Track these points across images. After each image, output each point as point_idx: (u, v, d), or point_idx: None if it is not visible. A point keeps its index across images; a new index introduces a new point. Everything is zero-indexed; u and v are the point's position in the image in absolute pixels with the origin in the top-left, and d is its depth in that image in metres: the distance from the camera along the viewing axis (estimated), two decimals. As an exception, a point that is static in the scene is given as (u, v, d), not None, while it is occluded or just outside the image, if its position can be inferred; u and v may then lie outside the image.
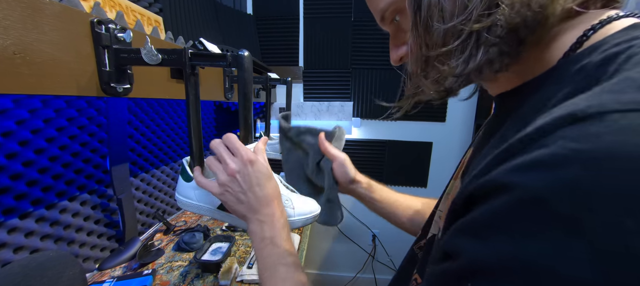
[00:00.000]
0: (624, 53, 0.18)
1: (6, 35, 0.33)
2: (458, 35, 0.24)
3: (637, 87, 0.15)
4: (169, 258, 0.82)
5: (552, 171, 0.14)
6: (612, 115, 0.14)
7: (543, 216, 0.14)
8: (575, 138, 0.14)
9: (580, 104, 0.15)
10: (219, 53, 0.46)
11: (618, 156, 0.13)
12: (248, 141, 0.46)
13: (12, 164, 0.58)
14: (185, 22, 1.02)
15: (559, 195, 0.14)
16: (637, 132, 0.13)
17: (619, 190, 0.13)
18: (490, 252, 0.16)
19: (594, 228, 0.13)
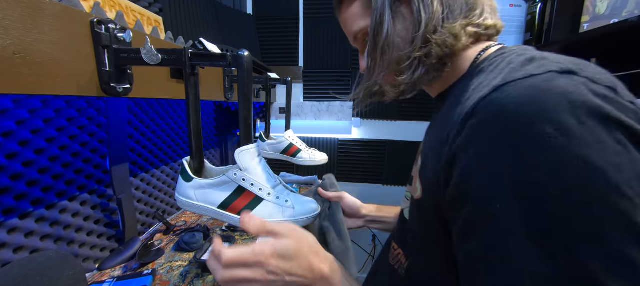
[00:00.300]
0: (499, 58, 0.34)
1: (6, 35, 0.33)
2: (407, 59, 0.40)
3: (510, 71, 0.29)
4: (169, 258, 0.82)
5: (493, 107, 0.26)
6: (509, 84, 0.26)
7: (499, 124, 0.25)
8: (498, 97, 0.26)
9: (487, 85, 0.29)
10: (219, 53, 0.46)
11: (514, 97, 0.25)
12: (248, 141, 0.46)
13: (12, 164, 0.58)
14: (185, 22, 1.02)
15: (501, 111, 0.25)
16: (520, 87, 0.25)
17: (520, 107, 0.24)
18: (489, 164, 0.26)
19: (512, 122, 0.24)
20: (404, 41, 0.40)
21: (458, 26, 0.38)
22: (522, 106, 0.24)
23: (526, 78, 0.26)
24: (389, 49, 0.40)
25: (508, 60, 0.31)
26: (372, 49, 0.41)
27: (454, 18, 0.38)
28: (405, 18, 0.40)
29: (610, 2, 0.84)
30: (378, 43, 0.40)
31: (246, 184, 0.46)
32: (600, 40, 0.83)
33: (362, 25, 0.44)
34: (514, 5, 1.20)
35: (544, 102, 0.23)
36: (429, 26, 0.37)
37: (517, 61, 0.30)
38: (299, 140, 1.07)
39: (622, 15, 0.81)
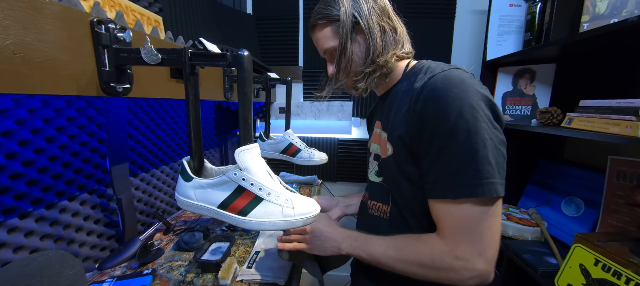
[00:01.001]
0: (418, 69, 0.60)
1: (6, 35, 0.33)
2: (361, 73, 0.61)
3: (433, 71, 0.54)
4: (169, 258, 0.82)
5: (431, 85, 0.51)
6: (434, 77, 0.52)
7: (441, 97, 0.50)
8: (433, 80, 0.51)
9: (434, 72, 0.53)
10: (219, 53, 0.46)
11: (439, 83, 0.50)
12: (248, 141, 0.46)
13: (12, 164, 0.58)
14: (185, 22, 1.02)
15: (435, 87, 0.51)
16: (441, 76, 0.51)
17: (442, 91, 0.49)
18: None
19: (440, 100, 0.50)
20: (359, 59, 0.61)
21: (390, 55, 0.60)
22: (443, 83, 0.50)
23: (442, 72, 0.51)
24: (350, 65, 0.61)
25: (426, 68, 0.57)
26: (338, 63, 0.62)
27: (388, 50, 0.60)
28: (360, 44, 0.61)
29: (610, 2, 0.84)
30: (343, 60, 0.61)
31: (246, 184, 0.46)
32: (600, 40, 0.83)
33: (331, 45, 0.62)
34: (514, 5, 1.20)
35: (451, 80, 0.50)
36: (375, 54, 0.59)
37: (432, 66, 0.57)
38: (299, 140, 1.07)
39: (622, 15, 0.81)
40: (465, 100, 0.47)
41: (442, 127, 0.48)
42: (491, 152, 0.47)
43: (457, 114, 0.47)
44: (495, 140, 0.47)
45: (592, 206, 0.99)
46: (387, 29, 0.60)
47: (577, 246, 0.78)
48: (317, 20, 0.63)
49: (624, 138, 0.68)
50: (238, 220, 0.46)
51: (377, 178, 0.66)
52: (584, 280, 0.74)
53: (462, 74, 0.50)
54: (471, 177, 0.47)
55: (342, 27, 0.59)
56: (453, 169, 0.48)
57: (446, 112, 0.47)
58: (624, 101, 0.74)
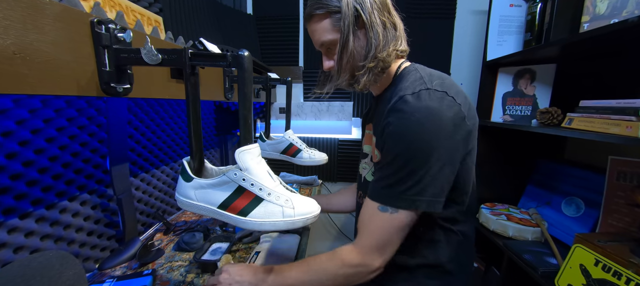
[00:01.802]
0: (405, 75, 0.61)
1: (6, 35, 0.33)
2: (362, 68, 0.59)
3: (406, 88, 0.55)
4: (169, 258, 0.82)
5: (396, 108, 0.54)
6: (408, 96, 0.53)
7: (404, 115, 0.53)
8: (406, 100, 0.53)
9: (406, 90, 0.54)
10: (219, 53, 0.46)
11: (412, 104, 0.52)
12: (248, 141, 0.46)
13: (12, 164, 0.58)
14: (185, 22, 1.02)
15: (400, 110, 0.53)
16: (409, 98, 0.53)
17: (415, 110, 0.52)
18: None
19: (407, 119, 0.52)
20: (359, 55, 0.59)
21: (391, 50, 0.59)
22: (409, 109, 0.52)
23: (411, 94, 0.53)
24: (351, 60, 0.59)
25: (408, 78, 0.58)
26: (340, 58, 0.60)
27: (388, 45, 0.59)
28: (360, 39, 0.59)
29: (610, 2, 0.84)
30: (344, 55, 0.59)
31: (246, 184, 0.46)
32: (601, 40, 0.83)
33: (330, 37, 0.60)
34: (514, 5, 1.20)
35: (419, 109, 0.52)
36: (377, 49, 0.58)
37: (409, 81, 0.57)
38: (299, 140, 1.07)
39: (622, 15, 0.81)
40: (419, 131, 0.51)
41: (396, 146, 0.53)
42: (432, 172, 0.52)
43: (404, 140, 0.52)
44: (446, 162, 0.52)
45: (592, 206, 0.99)
46: (387, 24, 0.59)
47: (577, 246, 0.78)
48: (315, 9, 0.60)
49: (624, 138, 0.68)
50: (238, 220, 0.46)
51: (370, 177, 0.68)
52: (584, 280, 0.74)
53: (430, 105, 0.51)
54: (393, 187, 0.54)
55: (343, 19, 0.57)
56: (382, 179, 0.55)
57: (398, 137, 0.52)
58: (624, 101, 0.74)
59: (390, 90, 0.62)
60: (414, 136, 0.51)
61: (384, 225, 0.55)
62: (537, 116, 1.05)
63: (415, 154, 0.51)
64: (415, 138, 0.51)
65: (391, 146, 0.53)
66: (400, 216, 0.53)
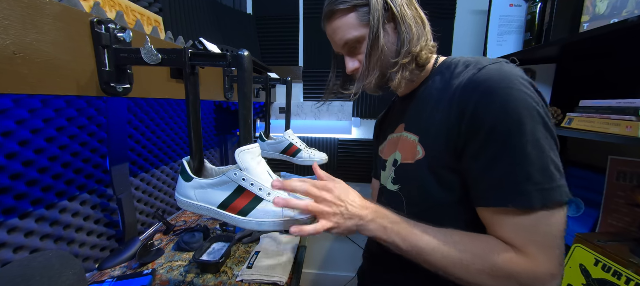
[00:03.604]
0: (453, 63, 0.54)
1: (6, 35, 0.33)
2: (395, 65, 0.53)
3: (476, 64, 0.48)
4: (169, 258, 0.82)
5: (482, 78, 0.45)
6: (485, 69, 0.46)
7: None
8: (484, 73, 0.45)
9: (468, 71, 0.48)
10: (219, 53, 0.46)
11: (494, 76, 0.44)
12: (248, 141, 0.46)
13: (12, 164, 0.58)
14: (185, 22, 1.02)
15: (487, 79, 0.44)
16: (491, 68, 0.45)
17: (500, 85, 0.43)
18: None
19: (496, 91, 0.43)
20: (390, 51, 0.54)
21: (424, 45, 0.54)
22: (499, 76, 0.44)
23: (492, 65, 0.46)
24: (383, 57, 0.54)
25: (461, 62, 0.53)
26: (369, 55, 0.54)
27: (421, 39, 0.54)
28: (390, 34, 0.54)
29: (610, 2, 0.84)
30: (374, 52, 0.53)
31: (246, 184, 0.46)
32: (600, 40, 0.83)
33: (356, 34, 0.54)
34: (514, 5, 1.20)
35: (509, 75, 0.44)
36: (412, 43, 0.53)
37: (470, 60, 0.51)
38: (299, 140, 1.07)
39: (622, 15, 0.81)
40: (527, 98, 0.42)
41: (503, 125, 0.42)
42: (555, 154, 0.42)
43: (520, 111, 0.41)
44: (555, 142, 0.43)
45: (592, 206, 0.99)
46: (417, 18, 0.55)
47: (577, 246, 0.78)
48: (338, 4, 0.54)
49: (624, 138, 0.68)
50: (238, 220, 0.46)
51: (394, 186, 0.60)
52: (584, 280, 0.74)
53: (516, 69, 0.45)
54: (541, 181, 0.40)
55: (373, 13, 0.51)
56: (520, 172, 0.41)
57: (507, 109, 0.41)
58: (624, 101, 0.74)
59: (434, 80, 0.55)
60: (523, 108, 0.41)
61: (546, 227, 0.42)
62: (537, 116, 1.04)
63: (535, 128, 0.41)
64: (526, 111, 0.41)
65: (491, 128, 0.42)
66: (558, 215, 0.41)
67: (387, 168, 0.64)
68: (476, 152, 0.45)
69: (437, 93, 0.53)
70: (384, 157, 0.68)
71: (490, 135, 0.43)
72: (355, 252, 1.72)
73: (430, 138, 0.52)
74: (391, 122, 0.69)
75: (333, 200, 0.48)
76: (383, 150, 0.70)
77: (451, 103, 0.48)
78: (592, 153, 1.11)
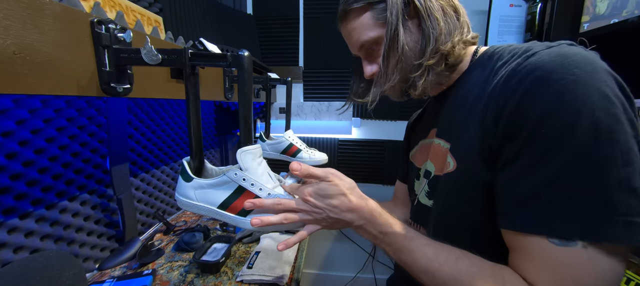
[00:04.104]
0: (496, 52, 0.44)
1: (6, 35, 0.33)
2: (418, 67, 0.46)
3: (526, 50, 0.37)
4: (169, 258, 0.82)
5: (532, 66, 0.34)
6: (538, 53, 0.35)
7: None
8: (535, 58, 0.35)
9: (514, 59, 0.38)
10: (219, 53, 0.46)
11: (547, 60, 0.33)
12: (248, 141, 0.46)
13: (12, 164, 0.58)
14: (185, 22, 1.02)
15: (540, 66, 0.33)
16: (547, 53, 0.34)
17: (554, 71, 0.32)
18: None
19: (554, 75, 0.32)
20: (412, 52, 0.47)
21: (456, 40, 0.46)
22: (554, 60, 0.33)
23: (548, 49, 0.35)
24: (403, 58, 0.47)
25: (507, 50, 0.42)
26: (387, 57, 0.48)
27: (452, 35, 0.46)
28: (412, 32, 0.47)
29: (610, 2, 0.84)
30: (392, 53, 0.47)
31: (246, 184, 0.46)
32: (600, 40, 0.83)
33: (372, 35, 0.49)
34: (514, 5, 1.20)
35: (568, 56, 0.32)
36: (439, 40, 0.45)
37: (519, 47, 0.40)
38: (299, 140, 1.07)
39: (622, 15, 0.81)
40: (594, 86, 0.30)
41: (552, 124, 0.31)
42: (635, 172, 0.29)
43: (580, 105, 0.30)
44: (636, 157, 0.30)
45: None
46: (447, 8, 0.46)
47: (577, 246, 0.78)
48: (351, 3, 0.48)
49: (624, 138, 0.68)
50: (238, 220, 0.46)
51: (428, 200, 0.52)
52: (584, 280, 0.74)
53: (582, 51, 0.33)
54: (600, 208, 0.29)
55: (390, 9, 0.45)
56: (566, 190, 0.30)
57: (561, 102, 0.30)
58: (624, 101, 0.74)
59: (472, 74, 0.47)
60: (585, 101, 0.30)
61: (582, 275, 0.30)
62: (537, 116, 1.04)
63: (600, 130, 0.29)
64: (590, 105, 0.29)
65: (536, 125, 0.32)
66: (613, 261, 0.30)
67: (420, 178, 0.57)
68: (511, 157, 0.34)
69: (475, 91, 0.43)
70: (416, 163, 0.61)
71: (531, 137, 0.32)
72: (355, 252, 1.72)
73: (462, 146, 0.43)
74: (424, 124, 0.61)
75: (310, 209, 0.45)
76: (414, 155, 0.62)
77: (488, 102, 0.38)
78: (592, 153, 1.11)
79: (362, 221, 0.44)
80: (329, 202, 0.44)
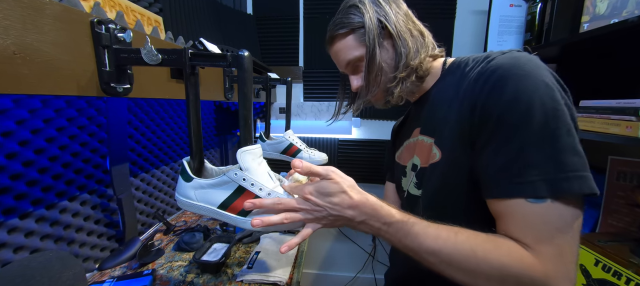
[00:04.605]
0: (462, 62, 0.54)
1: (6, 35, 0.33)
2: (394, 79, 0.56)
3: (485, 57, 0.47)
4: (169, 258, 0.82)
5: (495, 67, 0.44)
6: (495, 59, 0.45)
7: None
8: (495, 62, 0.44)
9: (478, 65, 0.47)
10: (219, 53, 0.46)
11: (504, 62, 0.43)
12: (248, 141, 0.46)
13: (12, 164, 0.58)
14: (185, 22, 1.02)
15: (499, 67, 0.43)
16: (502, 57, 0.44)
17: (510, 70, 0.42)
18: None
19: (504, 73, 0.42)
20: (389, 66, 0.57)
21: (423, 56, 0.56)
22: (509, 62, 0.43)
23: (502, 54, 0.45)
24: (380, 73, 0.57)
25: (471, 59, 0.52)
26: (368, 73, 0.57)
27: (420, 52, 0.56)
28: (388, 50, 0.57)
29: (610, 2, 0.84)
30: (372, 69, 0.56)
31: (246, 184, 0.46)
32: (600, 40, 0.83)
33: (356, 54, 0.58)
34: (514, 5, 1.20)
35: (518, 58, 0.43)
36: (408, 57, 0.55)
37: (479, 56, 0.50)
38: (299, 140, 1.07)
39: (622, 15, 0.81)
40: (539, 78, 0.40)
41: (513, 110, 0.40)
42: (576, 140, 0.38)
43: (531, 93, 0.39)
44: (575, 126, 0.40)
45: (592, 206, 0.99)
46: (414, 31, 0.57)
47: (577, 246, 0.78)
48: (337, 30, 0.58)
49: (624, 138, 0.68)
50: (238, 220, 0.46)
51: (417, 190, 0.59)
52: (584, 280, 0.74)
53: (527, 54, 0.44)
54: (550, 169, 0.38)
55: (368, 33, 0.55)
56: (526, 159, 0.39)
57: (517, 92, 0.40)
58: (624, 101, 0.74)
59: (445, 80, 0.56)
60: (534, 90, 0.39)
61: (554, 223, 0.38)
62: (537, 116, 1.04)
63: (547, 112, 0.38)
64: (537, 93, 0.39)
65: (501, 114, 0.41)
66: (571, 209, 0.38)
67: (408, 174, 0.64)
68: (486, 140, 0.43)
69: (449, 93, 0.52)
70: (401, 162, 0.68)
71: (500, 122, 0.41)
72: (355, 252, 1.72)
73: (445, 138, 0.51)
74: (407, 127, 0.69)
75: (311, 208, 0.46)
76: (400, 156, 0.70)
77: (463, 100, 0.47)
78: (592, 153, 1.11)
79: (364, 216, 0.46)
80: (330, 199, 0.45)
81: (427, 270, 0.44)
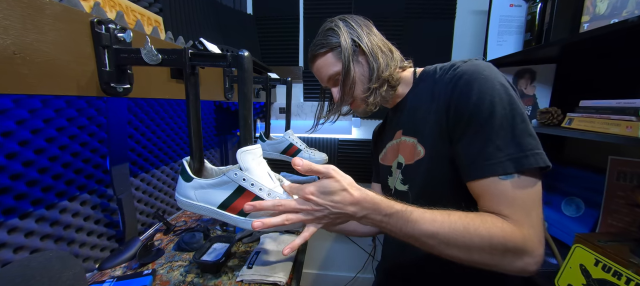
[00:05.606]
0: (430, 71, 0.64)
1: (6, 35, 0.33)
2: (368, 90, 0.65)
3: (451, 66, 0.58)
4: (169, 258, 0.82)
5: (461, 73, 0.53)
6: (460, 67, 0.55)
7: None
8: (460, 69, 0.54)
9: (447, 72, 0.57)
10: (219, 53, 0.46)
11: (469, 69, 0.53)
12: (248, 141, 0.46)
13: (12, 164, 0.58)
14: (185, 22, 1.02)
15: (464, 73, 0.53)
16: (465, 65, 0.54)
17: (474, 75, 0.51)
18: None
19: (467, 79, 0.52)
20: (363, 78, 0.66)
21: (393, 69, 0.65)
22: (472, 68, 0.52)
23: (464, 62, 0.55)
24: (354, 85, 0.66)
25: (438, 67, 0.61)
26: (343, 85, 0.65)
27: (389, 66, 0.65)
28: (362, 65, 0.66)
29: (610, 2, 0.84)
30: (347, 82, 0.65)
31: (246, 184, 0.46)
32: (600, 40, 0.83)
33: (334, 70, 0.66)
34: (514, 5, 1.20)
35: (478, 65, 0.52)
36: (379, 70, 0.64)
37: (445, 65, 0.60)
38: (299, 140, 1.07)
39: (622, 15, 0.81)
40: (496, 80, 0.50)
41: (479, 109, 0.49)
42: (529, 125, 0.48)
43: (491, 93, 0.48)
44: (526, 115, 0.49)
45: (592, 206, 0.99)
46: (384, 49, 0.66)
47: (577, 246, 0.78)
48: (317, 49, 0.67)
49: (624, 138, 0.68)
50: (238, 220, 0.47)
51: (403, 186, 0.66)
52: (584, 280, 0.74)
53: (484, 62, 0.54)
54: (513, 151, 0.46)
55: (343, 51, 0.63)
56: (496, 145, 0.47)
57: (480, 93, 0.49)
58: (624, 101, 0.74)
59: (419, 86, 0.65)
60: (493, 89, 0.48)
61: (522, 195, 0.46)
62: (537, 116, 1.05)
63: (505, 107, 0.47)
64: (496, 91, 0.48)
65: (471, 112, 0.49)
66: (535, 180, 0.47)
67: (393, 172, 0.71)
68: (461, 134, 0.52)
69: (425, 97, 0.61)
70: (386, 163, 0.75)
71: (470, 119, 0.50)
72: (355, 252, 1.72)
73: (426, 136, 0.59)
74: (388, 131, 0.76)
75: (312, 208, 0.47)
76: (384, 157, 0.77)
77: (438, 102, 0.56)
78: (592, 153, 1.11)
79: (365, 211, 0.48)
80: (332, 197, 0.47)
81: (414, 260, 0.55)
